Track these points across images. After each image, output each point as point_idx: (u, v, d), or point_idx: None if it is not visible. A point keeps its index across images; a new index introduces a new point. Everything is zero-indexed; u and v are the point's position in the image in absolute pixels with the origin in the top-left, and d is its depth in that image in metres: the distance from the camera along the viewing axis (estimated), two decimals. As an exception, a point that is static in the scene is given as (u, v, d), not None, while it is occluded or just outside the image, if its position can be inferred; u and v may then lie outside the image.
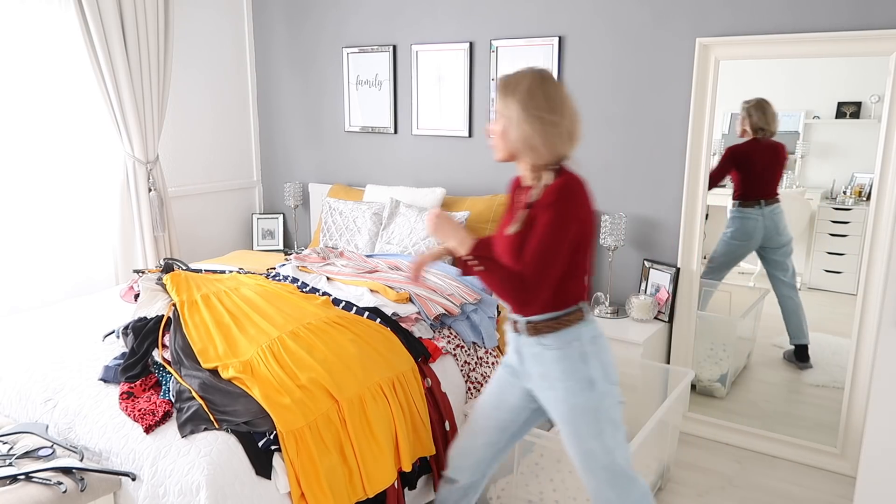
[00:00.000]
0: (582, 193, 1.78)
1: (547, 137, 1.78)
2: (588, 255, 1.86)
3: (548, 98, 1.78)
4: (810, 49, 2.74)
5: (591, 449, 1.89)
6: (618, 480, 1.90)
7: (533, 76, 1.79)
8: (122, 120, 3.56)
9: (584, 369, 1.85)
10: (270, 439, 1.92)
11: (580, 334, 1.86)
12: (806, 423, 2.99)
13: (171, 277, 2.60)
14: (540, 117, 1.77)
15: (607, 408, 1.87)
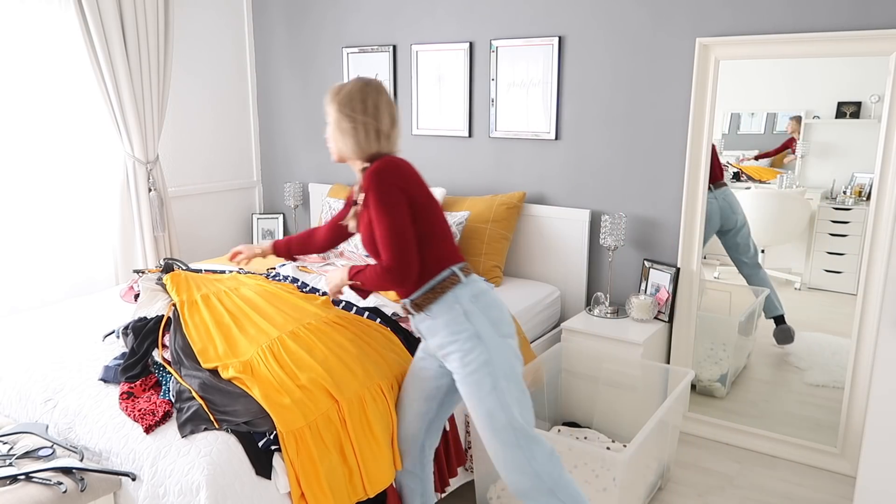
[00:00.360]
0: (392, 169, 1.93)
1: (358, 136, 2.00)
2: (436, 218, 2.00)
3: (363, 102, 1.99)
4: (810, 49, 2.74)
5: (491, 408, 1.93)
6: (521, 440, 1.93)
7: (355, 83, 2.03)
8: (122, 120, 3.56)
9: (468, 326, 1.94)
10: (270, 439, 1.92)
11: (459, 296, 1.96)
12: (806, 423, 2.99)
13: (170, 277, 2.60)
14: (353, 118, 1.99)
15: (501, 361, 1.94)
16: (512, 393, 1.94)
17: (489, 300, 1.99)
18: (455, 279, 1.98)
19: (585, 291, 3.44)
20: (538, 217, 3.49)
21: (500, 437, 1.94)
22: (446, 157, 3.83)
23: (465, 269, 2.02)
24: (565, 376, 3.12)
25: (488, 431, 1.95)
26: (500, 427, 1.93)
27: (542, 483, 1.94)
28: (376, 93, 2.02)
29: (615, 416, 2.99)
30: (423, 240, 1.97)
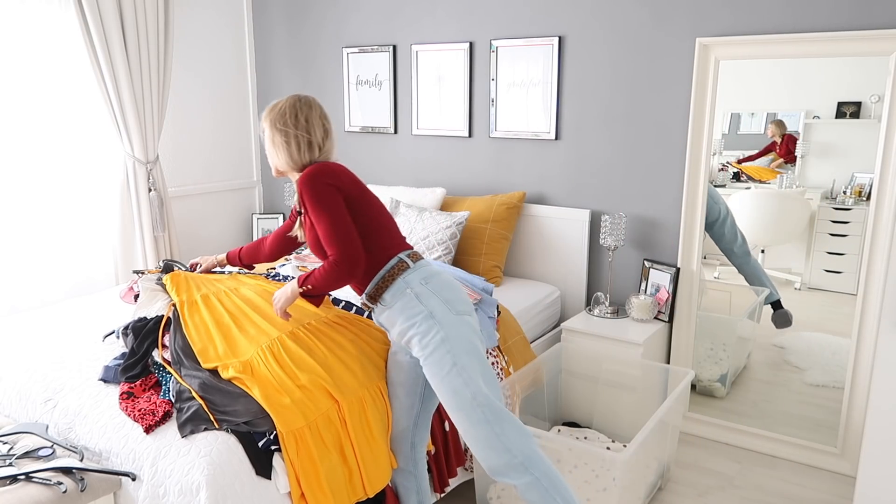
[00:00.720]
0: (321, 169, 2.03)
1: (291, 148, 2.10)
2: (374, 211, 2.08)
3: (295, 117, 2.09)
4: (810, 49, 2.74)
5: (454, 385, 1.94)
6: (488, 415, 1.93)
7: (287, 100, 2.13)
8: (122, 120, 3.56)
9: (421, 308, 1.99)
10: (270, 439, 1.92)
11: (409, 281, 2.02)
12: (806, 423, 2.99)
13: (170, 277, 2.60)
14: (285, 132, 2.09)
15: (458, 338, 1.96)
16: (474, 368, 1.96)
17: (440, 281, 2.04)
18: (403, 265, 2.04)
19: (585, 291, 3.44)
20: (538, 217, 3.49)
21: (467, 413, 1.94)
22: (446, 157, 3.83)
23: (413, 256, 2.09)
24: (565, 376, 3.12)
25: (455, 410, 1.96)
26: (465, 404, 1.94)
27: (514, 458, 1.93)
28: (308, 107, 2.13)
29: (615, 416, 2.99)
30: (364, 233, 2.05)
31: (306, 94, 2.18)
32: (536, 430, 2.30)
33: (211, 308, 2.42)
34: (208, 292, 2.52)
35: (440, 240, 3.29)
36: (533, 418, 2.95)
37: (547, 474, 1.95)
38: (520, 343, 2.90)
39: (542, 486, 1.93)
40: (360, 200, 2.07)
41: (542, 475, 1.94)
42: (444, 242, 3.29)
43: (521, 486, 1.94)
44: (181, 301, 2.45)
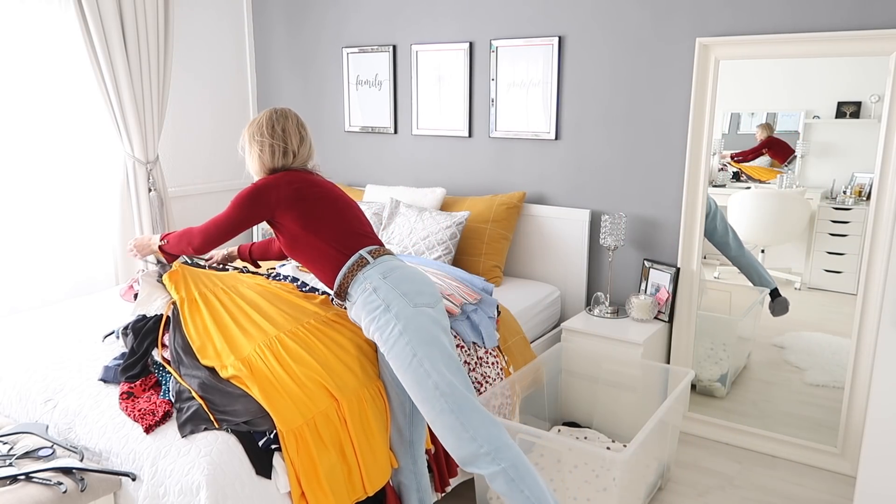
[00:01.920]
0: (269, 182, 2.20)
1: (264, 156, 2.28)
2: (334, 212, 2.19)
3: (271, 127, 2.27)
4: (810, 49, 2.74)
5: (416, 376, 1.98)
6: (452, 405, 1.95)
7: (265, 113, 2.31)
8: (122, 120, 3.56)
9: (377, 300, 2.06)
10: (270, 439, 1.92)
11: (368, 276, 2.10)
12: (806, 423, 2.99)
13: (169, 275, 2.60)
14: (261, 141, 2.27)
15: (417, 328, 2.00)
16: (435, 357, 1.99)
17: (400, 275, 2.10)
18: (363, 262, 2.12)
19: (585, 291, 3.44)
20: (538, 217, 3.49)
21: (431, 404, 1.97)
22: (446, 157, 3.83)
23: (375, 252, 2.16)
24: (565, 376, 3.12)
25: (420, 401, 1.99)
26: (428, 394, 1.97)
27: (480, 447, 1.95)
28: (284, 118, 2.30)
29: (615, 416, 2.99)
30: (323, 233, 2.16)
31: (283, 107, 2.36)
32: (537, 431, 2.30)
33: (210, 306, 2.41)
34: (207, 290, 2.52)
35: (440, 240, 3.29)
36: (533, 418, 2.95)
37: (515, 465, 1.95)
38: (520, 343, 2.90)
39: (509, 475, 1.94)
40: (316, 204, 2.19)
41: (510, 465, 1.95)
42: (444, 242, 3.29)
43: (488, 475, 1.96)
44: (181, 298, 2.45)
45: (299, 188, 2.21)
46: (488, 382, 2.62)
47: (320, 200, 2.21)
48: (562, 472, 2.52)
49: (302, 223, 2.18)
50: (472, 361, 2.63)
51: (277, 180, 2.23)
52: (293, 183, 2.22)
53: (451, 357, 2.03)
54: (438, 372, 1.97)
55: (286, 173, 2.26)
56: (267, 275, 2.99)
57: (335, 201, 2.23)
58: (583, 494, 2.45)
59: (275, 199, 2.20)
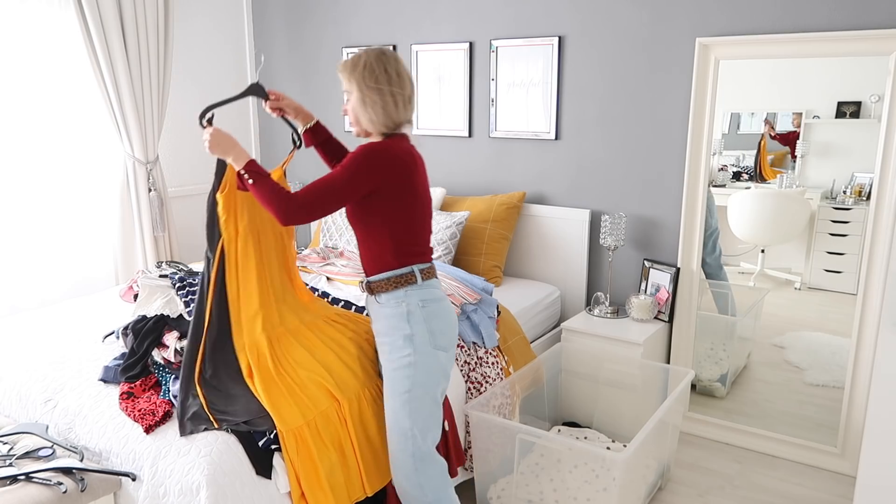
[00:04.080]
0: (386, 157, 1.92)
1: (388, 107, 1.96)
2: (417, 213, 2.01)
3: (385, 72, 1.96)
4: (810, 49, 2.74)
5: (398, 408, 2.00)
6: (416, 451, 2.01)
7: (370, 54, 1.98)
8: (122, 120, 3.56)
9: (405, 327, 2.00)
10: (270, 439, 1.92)
11: (408, 296, 2.01)
12: (806, 423, 2.99)
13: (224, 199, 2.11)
14: (379, 89, 1.95)
15: (425, 370, 1.99)
16: (423, 403, 2.01)
17: (436, 309, 2.03)
18: (411, 278, 2.02)
19: (585, 291, 3.44)
20: (538, 217, 3.49)
21: (397, 439, 2.02)
22: (446, 157, 3.83)
23: (426, 273, 2.04)
24: (565, 376, 3.12)
25: (390, 429, 2.04)
26: (399, 430, 2.02)
27: (424, 496, 2.03)
28: (394, 60, 2.00)
29: (615, 416, 2.99)
30: (396, 233, 1.99)
31: (382, 47, 2.03)
32: (536, 431, 2.30)
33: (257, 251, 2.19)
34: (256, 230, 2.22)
35: (440, 240, 3.29)
36: (533, 418, 2.95)
37: None
38: (520, 343, 2.90)
39: None
40: (406, 197, 1.97)
41: None
42: (444, 242, 3.29)
43: None
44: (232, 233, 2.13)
45: (411, 176, 1.98)
46: (488, 382, 2.62)
47: (417, 200, 2.01)
48: (562, 472, 2.52)
49: (388, 215, 1.98)
50: (472, 361, 2.63)
51: (401, 153, 1.96)
52: (408, 166, 1.97)
53: (438, 409, 2.06)
54: (421, 417, 2.01)
55: (404, 143, 1.99)
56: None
57: (425, 205, 2.05)
58: (583, 494, 2.45)
59: (392, 177, 1.94)
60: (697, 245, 3.11)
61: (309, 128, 2.28)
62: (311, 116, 2.27)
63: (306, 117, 2.27)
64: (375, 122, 1.98)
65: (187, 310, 2.39)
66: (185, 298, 2.47)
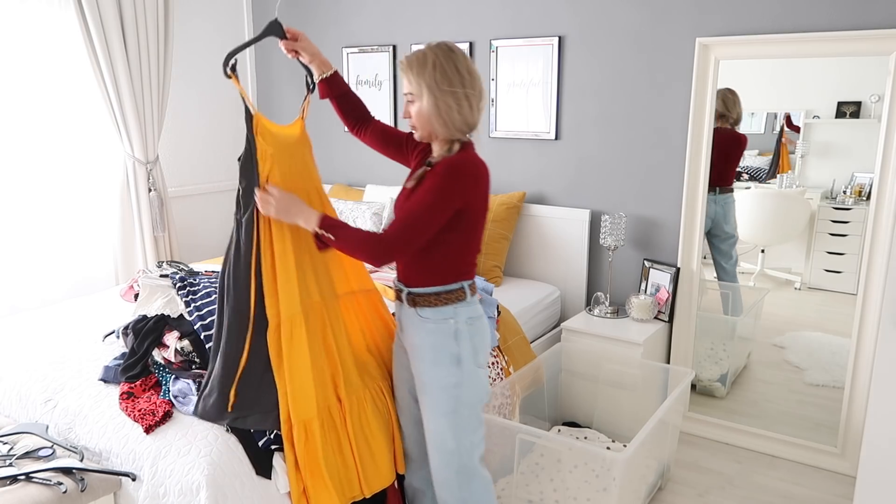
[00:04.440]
0: (473, 174, 1.84)
1: (464, 111, 1.83)
2: (478, 233, 1.93)
3: (458, 72, 1.81)
4: (810, 49, 2.74)
5: (443, 429, 1.93)
6: (461, 469, 1.95)
7: (437, 51, 1.82)
8: (122, 120, 3.56)
9: (453, 346, 1.90)
10: (271, 439, 1.92)
11: (457, 313, 1.91)
12: (806, 423, 2.99)
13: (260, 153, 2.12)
14: (453, 92, 1.81)
15: (469, 389, 1.93)
16: (469, 422, 1.95)
17: (480, 326, 1.97)
18: (461, 295, 1.92)
19: (585, 291, 3.44)
20: (538, 217, 3.49)
21: (442, 457, 1.96)
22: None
23: (473, 288, 1.96)
24: (565, 376, 3.12)
25: (433, 447, 1.97)
26: (445, 449, 1.95)
27: None
28: (463, 56, 1.84)
29: (615, 416, 2.99)
30: (455, 247, 1.88)
31: (444, 42, 1.85)
32: (537, 431, 2.30)
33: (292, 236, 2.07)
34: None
35: (440, 240, 3.29)
36: (533, 418, 2.95)
37: None
38: (520, 343, 2.90)
39: None
40: (477, 217, 1.89)
41: None
42: (444, 242, 3.29)
43: None
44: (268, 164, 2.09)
45: (486, 191, 1.88)
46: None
47: (478, 215, 1.91)
48: (562, 472, 2.52)
49: (455, 231, 1.86)
50: (472, 361, 2.63)
51: (482, 168, 1.86)
52: (486, 182, 1.88)
53: (483, 424, 2.00)
54: (467, 435, 1.94)
55: (477, 155, 1.88)
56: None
57: (483, 221, 1.95)
58: (583, 494, 2.45)
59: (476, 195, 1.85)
60: (697, 245, 3.11)
61: (325, 78, 2.10)
62: (329, 65, 2.10)
63: (323, 65, 2.09)
64: (450, 127, 1.83)
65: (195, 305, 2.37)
66: (186, 298, 2.47)
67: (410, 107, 1.88)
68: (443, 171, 1.80)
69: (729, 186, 3.10)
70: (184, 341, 2.25)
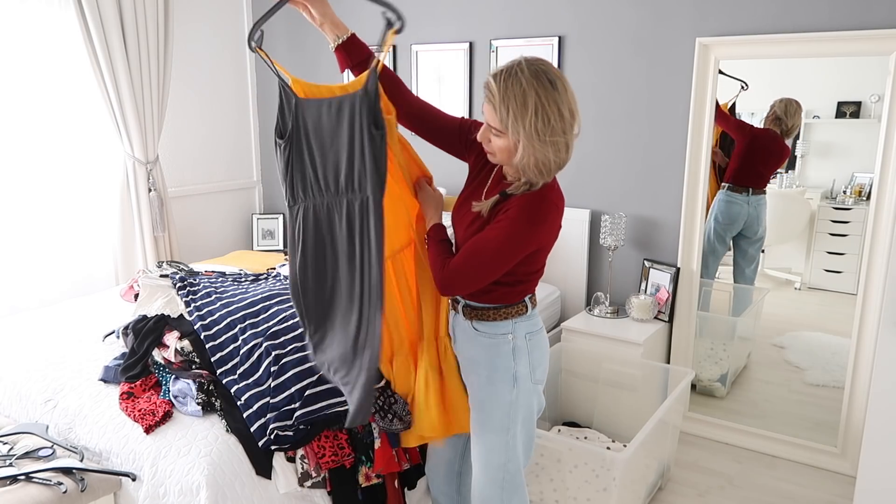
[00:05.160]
0: (553, 217, 1.69)
1: (558, 156, 1.66)
2: (543, 261, 1.82)
3: (560, 116, 1.61)
4: (810, 49, 2.74)
5: (493, 445, 1.84)
6: (507, 484, 1.87)
7: (539, 88, 1.56)
8: (122, 120, 3.56)
9: (509, 364, 1.80)
10: (271, 439, 1.92)
11: (516, 328, 1.81)
12: (806, 423, 2.99)
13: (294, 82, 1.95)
14: (554, 142, 1.61)
15: (525, 407, 1.84)
16: (520, 439, 1.86)
17: (539, 340, 1.86)
18: (522, 309, 1.81)
19: (585, 291, 3.44)
20: (538, 217, 3.49)
21: (488, 472, 1.88)
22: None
23: (534, 300, 1.86)
24: (565, 376, 3.12)
25: (480, 462, 1.90)
26: (493, 464, 1.87)
27: None
28: (564, 90, 1.60)
29: (615, 416, 2.99)
30: (520, 274, 1.77)
31: (539, 60, 1.59)
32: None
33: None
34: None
35: (440, 240, 3.29)
36: (533, 418, 2.95)
37: None
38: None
39: None
40: (544, 252, 1.77)
41: None
42: (444, 242, 3.29)
43: None
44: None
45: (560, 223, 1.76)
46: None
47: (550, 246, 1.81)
48: (562, 472, 2.52)
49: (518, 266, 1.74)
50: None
51: (561, 197, 1.73)
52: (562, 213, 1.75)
53: (533, 437, 1.92)
54: (515, 453, 1.86)
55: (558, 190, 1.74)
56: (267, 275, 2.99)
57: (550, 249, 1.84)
58: (583, 494, 2.45)
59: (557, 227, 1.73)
60: (697, 245, 3.11)
61: (341, 44, 1.85)
62: (343, 27, 1.83)
63: (336, 27, 1.82)
64: (544, 175, 1.64)
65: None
66: (186, 298, 2.47)
67: (494, 139, 1.65)
68: (523, 215, 1.62)
69: (763, 189, 3.05)
70: (184, 341, 2.25)
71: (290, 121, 1.90)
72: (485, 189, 1.83)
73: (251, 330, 2.27)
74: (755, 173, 3.04)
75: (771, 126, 2.96)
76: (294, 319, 2.30)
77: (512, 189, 1.70)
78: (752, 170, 3.04)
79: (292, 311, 2.39)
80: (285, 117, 1.93)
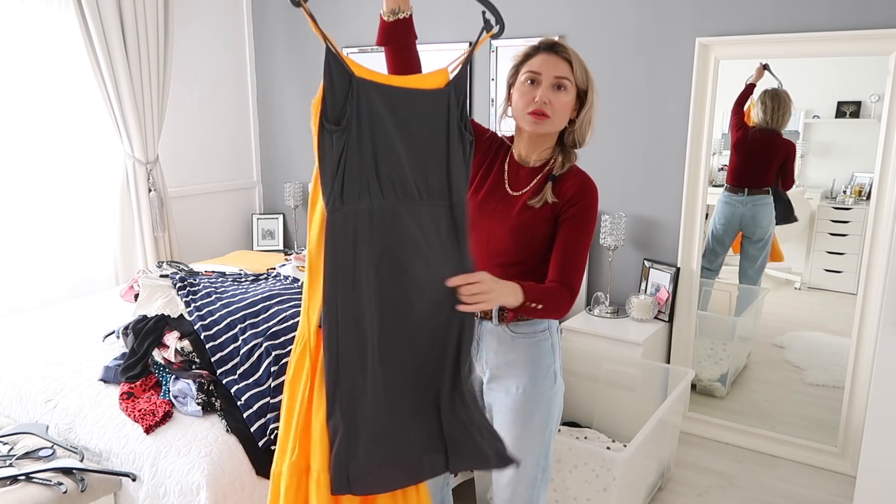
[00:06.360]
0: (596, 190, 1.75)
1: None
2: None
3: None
4: (810, 48, 2.74)
5: (531, 444, 1.81)
6: (538, 482, 1.87)
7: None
8: (122, 120, 3.56)
9: (551, 361, 1.79)
10: (271, 439, 1.92)
11: (551, 324, 1.80)
12: (806, 422, 2.99)
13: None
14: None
15: (559, 403, 1.85)
16: (553, 435, 1.86)
17: (559, 336, 1.88)
18: None
19: (585, 291, 3.44)
20: (538, 217, 3.49)
21: (524, 472, 1.84)
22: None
23: None
24: (565, 376, 3.11)
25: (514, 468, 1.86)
26: (529, 464, 1.83)
27: None
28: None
29: (615, 416, 2.99)
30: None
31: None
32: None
33: None
34: None
35: (440, 240, 3.29)
36: (533, 418, 2.95)
37: None
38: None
39: None
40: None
41: None
42: (444, 242, 3.28)
43: None
44: None
45: None
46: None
47: None
48: (562, 472, 2.52)
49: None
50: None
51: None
52: None
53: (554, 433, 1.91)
54: (550, 451, 1.85)
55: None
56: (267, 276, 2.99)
57: None
58: (583, 494, 2.45)
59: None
60: (697, 245, 3.11)
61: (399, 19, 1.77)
62: (407, 3, 1.73)
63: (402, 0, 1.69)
64: (583, 140, 1.74)
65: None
66: (186, 298, 2.47)
67: (560, 95, 1.66)
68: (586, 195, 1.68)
69: (762, 189, 3.04)
70: (184, 341, 2.25)
71: (347, 104, 1.58)
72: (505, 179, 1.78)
73: (251, 330, 2.27)
74: (751, 173, 3.05)
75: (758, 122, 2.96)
76: (294, 320, 2.30)
77: (559, 168, 1.73)
78: (748, 169, 3.04)
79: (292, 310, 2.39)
80: (336, 98, 1.56)
